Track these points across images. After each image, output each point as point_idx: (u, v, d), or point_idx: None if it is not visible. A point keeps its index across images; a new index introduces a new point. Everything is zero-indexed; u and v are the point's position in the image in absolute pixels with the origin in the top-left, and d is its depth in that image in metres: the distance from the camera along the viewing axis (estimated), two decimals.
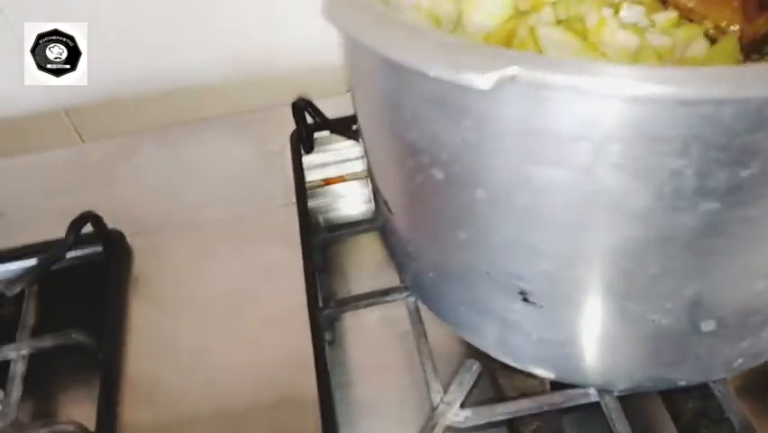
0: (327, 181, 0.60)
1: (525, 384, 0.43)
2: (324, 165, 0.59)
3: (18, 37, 0.50)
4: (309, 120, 0.57)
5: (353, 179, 0.59)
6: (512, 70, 0.19)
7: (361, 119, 0.34)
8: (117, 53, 0.60)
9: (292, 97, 0.58)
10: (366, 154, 0.36)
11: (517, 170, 0.24)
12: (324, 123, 0.55)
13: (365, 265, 0.52)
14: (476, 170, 0.26)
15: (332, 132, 0.55)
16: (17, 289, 0.47)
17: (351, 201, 0.58)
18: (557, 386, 0.41)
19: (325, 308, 0.44)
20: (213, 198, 0.56)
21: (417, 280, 0.38)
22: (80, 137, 0.65)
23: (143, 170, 0.59)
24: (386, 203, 0.35)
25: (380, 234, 0.45)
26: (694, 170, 0.21)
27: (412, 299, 0.44)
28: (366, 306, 0.44)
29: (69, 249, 0.49)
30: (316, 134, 0.58)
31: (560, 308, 0.30)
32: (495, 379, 0.43)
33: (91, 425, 0.42)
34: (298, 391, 0.44)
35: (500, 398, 0.40)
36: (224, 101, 0.63)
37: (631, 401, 0.39)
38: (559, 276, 0.28)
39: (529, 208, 0.25)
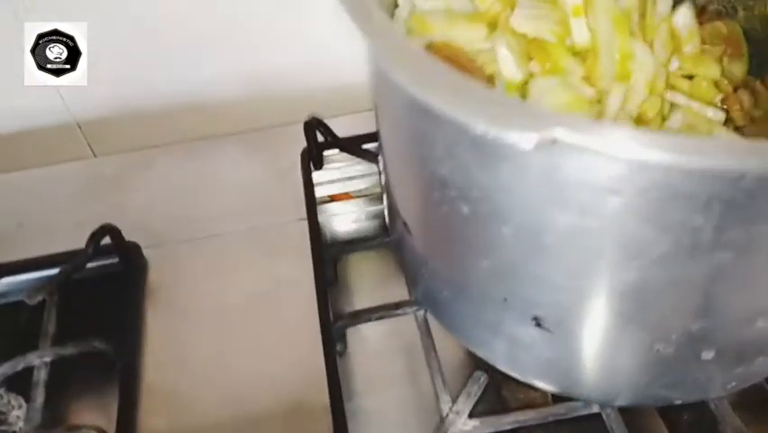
0: (333, 198, 0.61)
1: (528, 396, 0.44)
2: (331, 182, 0.60)
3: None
4: (320, 138, 0.58)
5: (359, 197, 0.60)
6: (554, 132, 0.21)
7: (385, 145, 0.35)
8: (135, 68, 0.60)
9: (303, 115, 0.59)
10: (386, 175, 0.37)
11: (546, 214, 0.26)
12: (334, 141, 0.56)
13: (374, 279, 0.53)
14: (504, 210, 0.27)
15: (342, 150, 0.57)
16: (38, 298, 0.47)
17: (355, 218, 0.60)
18: (559, 398, 0.43)
19: (337, 320, 0.46)
20: (226, 212, 0.57)
21: (430, 297, 0.40)
22: (92, 152, 0.65)
23: (158, 184, 0.59)
24: (405, 224, 0.36)
25: (394, 249, 0.47)
26: (712, 226, 0.23)
27: (421, 312, 0.45)
28: (377, 318, 0.45)
29: (89, 260, 0.49)
30: (325, 152, 0.59)
31: (570, 334, 0.32)
32: (499, 391, 0.44)
33: (111, 431, 0.43)
34: (311, 401, 0.45)
35: (506, 409, 0.42)
36: (238, 118, 0.63)
37: (628, 412, 0.41)
38: (573, 307, 0.30)
39: (552, 248, 0.27)
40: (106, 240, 0.51)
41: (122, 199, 0.58)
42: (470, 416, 0.41)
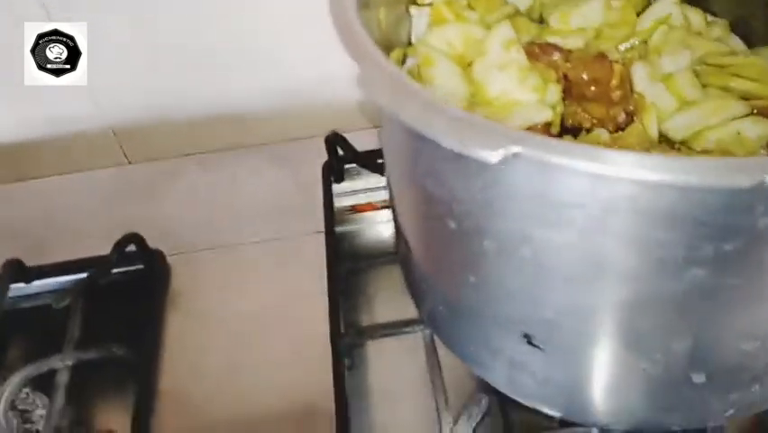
0: (356, 208, 0.63)
1: (534, 419, 0.45)
2: (354, 192, 0.62)
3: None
4: (340, 152, 0.60)
5: (383, 207, 0.62)
6: (516, 149, 0.22)
7: (387, 162, 0.37)
8: (167, 80, 0.64)
9: (326, 128, 0.62)
10: (390, 192, 0.39)
11: (521, 228, 0.27)
12: (353, 156, 0.59)
13: (387, 294, 0.54)
14: (484, 224, 0.28)
15: (360, 165, 0.59)
16: (65, 302, 0.51)
17: (379, 228, 0.61)
18: (565, 423, 0.43)
19: (346, 335, 0.47)
20: (248, 222, 0.60)
21: (432, 315, 0.41)
22: (126, 157, 0.69)
23: (186, 193, 0.63)
24: (406, 241, 0.38)
25: (400, 265, 0.48)
26: (681, 242, 0.24)
27: (428, 331, 0.46)
28: (384, 336, 0.47)
29: (113, 267, 0.53)
30: (347, 165, 0.61)
31: (560, 351, 0.32)
32: (504, 412, 0.45)
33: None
34: (318, 411, 0.47)
35: (507, 431, 0.42)
36: (264, 130, 0.67)
37: None
38: (558, 324, 0.30)
39: (531, 262, 0.28)
40: (132, 247, 0.55)
41: (150, 207, 0.62)
42: None
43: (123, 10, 0.59)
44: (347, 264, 0.54)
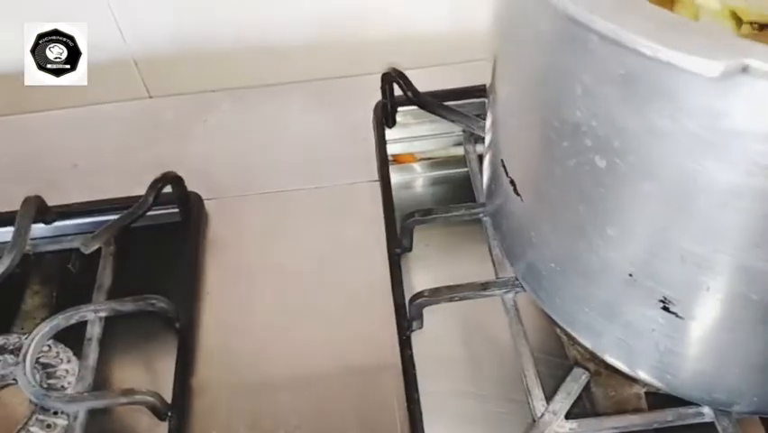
0: (396, 159, 0.59)
1: (621, 395, 0.42)
2: (394, 141, 0.58)
3: None
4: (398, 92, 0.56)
5: (423, 160, 0.58)
6: (746, 61, 0.18)
7: (502, 95, 0.33)
8: (198, 6, 0.59)
9: (375, 67, 0.57)
10: (494, 126, 0.35)
11: (705, 168, 0.23)
12: (414, 97, 0.54)
13: (456, 254, 0.51)
14: (651, 162, 0.25)
15: (422, 107, 0.54)
16: (94, 246, 0.47)
17: (421, 182, 0.58)
18: (656, 398, 0.40)
19: (417, 297, 0.43)
20: (291, 166, 0.56)
21: (533, 272, 0.37)
22: (147, 91, 0.64)
23: (219, 131, 0.59)
24: (513, 183, 0.34)
25: (491, 217, 0.44)
26: None
27: (510, 295, 0.43)
28: (461, 299, 0.43)
29: (149, 209, 0.49)
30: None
31: (702, 321, 0.29)
32: (588, 389, 0.42)
33: (165, 392, 0.42)
34: (381, 374, 0.44)
35: (594, 407, 0.40)
36: (306, 65, 0.62)
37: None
38: (713, 289, 0.27)
39: (704, 212, 0.24)
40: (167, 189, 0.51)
41: (180, 145, 0.58)
42: (567, 417, 0.39)
43: None
44: (410, 219, 0.49)
